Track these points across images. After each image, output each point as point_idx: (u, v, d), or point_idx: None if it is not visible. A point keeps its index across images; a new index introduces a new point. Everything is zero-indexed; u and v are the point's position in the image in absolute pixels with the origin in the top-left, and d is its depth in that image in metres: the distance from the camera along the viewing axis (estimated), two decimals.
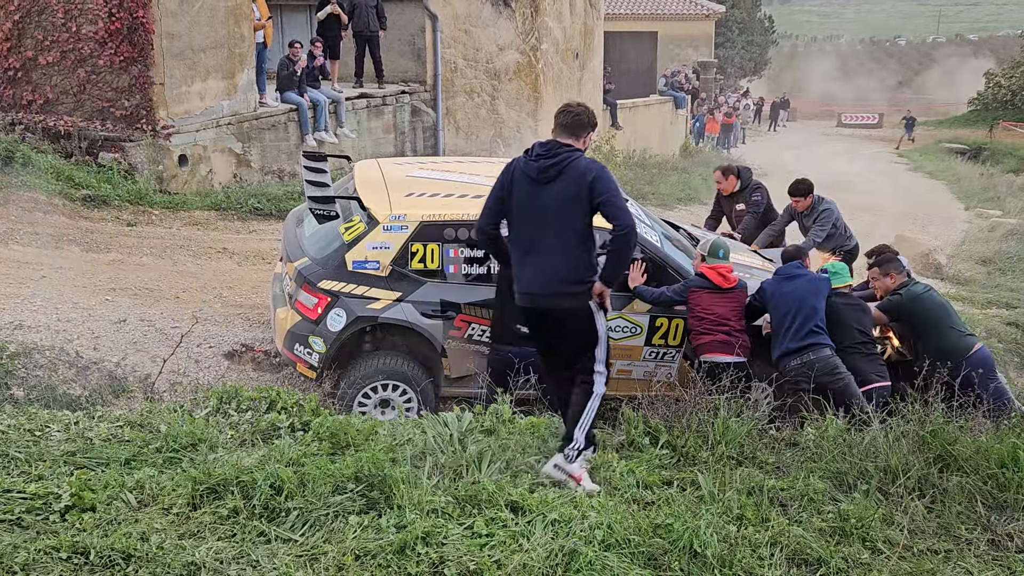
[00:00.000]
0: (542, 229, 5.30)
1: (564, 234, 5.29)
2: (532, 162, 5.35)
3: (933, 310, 7.46)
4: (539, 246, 5.32)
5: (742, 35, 51.17)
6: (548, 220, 5.28)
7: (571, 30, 22.13)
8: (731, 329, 7.15)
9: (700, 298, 7.22)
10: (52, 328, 7.99)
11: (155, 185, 12.45)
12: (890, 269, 7.74)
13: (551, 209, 5.27)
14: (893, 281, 7.67)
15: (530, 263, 5.35)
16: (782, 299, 7.28)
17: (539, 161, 5.32)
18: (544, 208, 5.28)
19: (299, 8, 18.33)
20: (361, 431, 5.28)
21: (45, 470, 4.66)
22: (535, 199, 5.30)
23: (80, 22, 12.41)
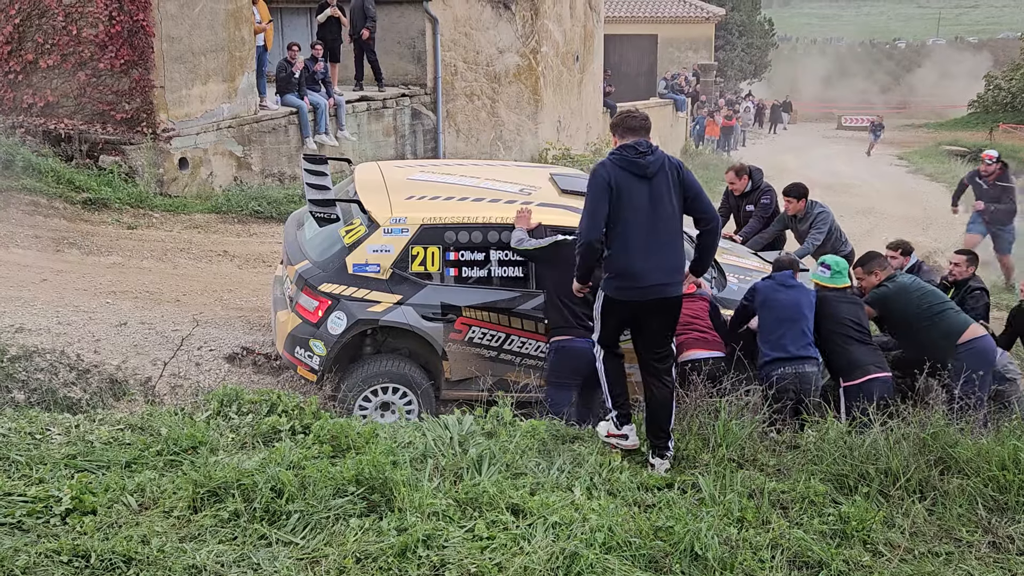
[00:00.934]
0: (656, 222, 5.55)
1: (674, 224, 5.64)
2: (639, 159, 5.54)
3: (924, 295, 7.51)
4: (658, 238, 5.55)
5: (742, 38, 51.17)
6: (661, 213, 5.55)
7: (571, 33, 22.16)
8: (700, 327, 7.16)
9: None
10: (53, 331, 7.99)
11: (155, 188, 12.47)
12: (873, 267, 7.77)
13: (663, 202, 5.56)
14: (878, 278, 7.70)
15: (650, 256, 5.55)
16: (777, 304, 7.24)
17: (646, 157, 5.55)
18: (656, 202, 5.55)
19: (299, 11, 18.34)
20: (362, 434, 5.28)
21: (46, 473, 4.66)
22: (646, 195, 5.54)
23: (80, 25, 12.42)
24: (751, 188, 10.22)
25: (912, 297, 7.51)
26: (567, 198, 7.79)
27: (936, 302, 7.47)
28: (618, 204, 5.52)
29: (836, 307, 7.32)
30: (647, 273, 5.54)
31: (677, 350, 7.10)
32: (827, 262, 7.65)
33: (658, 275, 5.56)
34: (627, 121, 5.74)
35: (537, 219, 7.24)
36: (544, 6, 20.38)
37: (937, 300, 7.49)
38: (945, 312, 7.41)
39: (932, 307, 7.41)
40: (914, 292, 7.52)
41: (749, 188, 10.22)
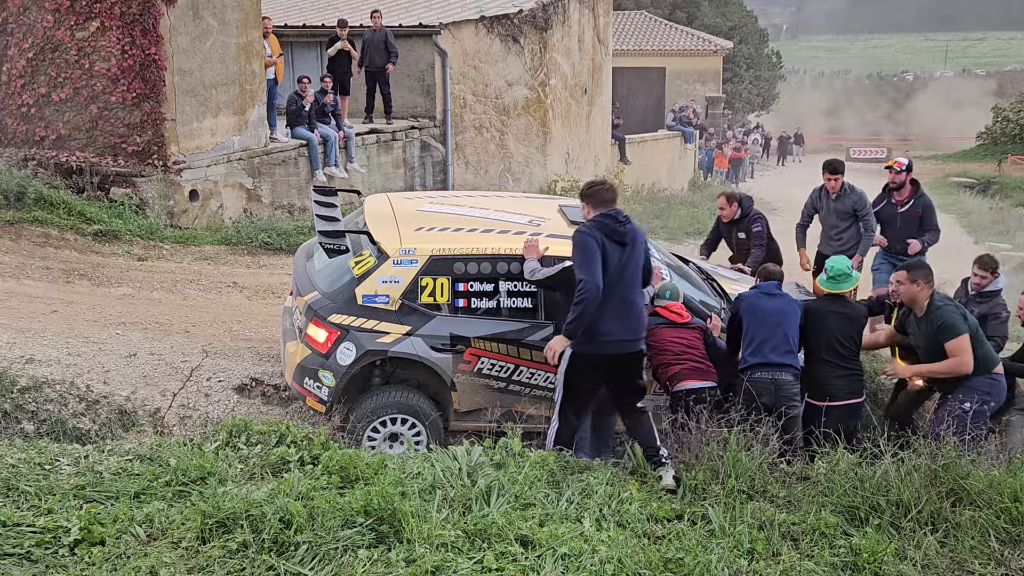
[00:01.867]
0: (628, 285, 6.33)
1: (638, 287, 6.48)
2: (618, 227, 6.27)
3: (973, 320, 7.32)
4: (626, 299, 6.32)
5: (750, 70, 51.42)
6: (630, 278, 6.36)
7: (579, 66, 22.30)
8: (694, 356, 7.17)
9: (660, 332, 7.22)
10: (63, 362, 8.01)
11: (166, 220, 12.53)
12: (919, 276, 7.18)
13: (632, 267, 6.35)
14: (921, 290, 7.11)
15: (624, 315, 6.30)
16: (761, 312, 7.27)
17: (624, 226, 6.29)
18: (626, 266, 6.30)
19: (310, 45, 18.50)
20: (370, 465, 5.26)
21: (55, 504, 4.65)
22: (620, 260, 6.27)
23: (93, 59, 12.54)
24: (741, 215, 10.28)
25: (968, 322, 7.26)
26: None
27: (979, 330, 7.35)
28: (604, 266, 6.19)
29: (823, 321, 7.31)
30: (617, 332, 6.25)
31: (672, 380, 7.12)
32: (826, 264, 7.63)
33: (626, 333, 6.29)
34: (601, 193, 6.45)
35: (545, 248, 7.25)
36: (553, 39, 20.54)
37: (978, 327, 7.37)
38: (985, 341, 7.29)
39: (979, 334, 7.23)
40: (967, 316, 7.27)
41: (739, 215, 10.28)
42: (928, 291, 7.07)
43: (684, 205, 25.00)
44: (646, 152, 28.50)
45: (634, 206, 20.61)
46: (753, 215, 10.26)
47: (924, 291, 7.05)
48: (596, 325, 6.18)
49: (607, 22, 24.33)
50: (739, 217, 10.28)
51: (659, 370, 7.24)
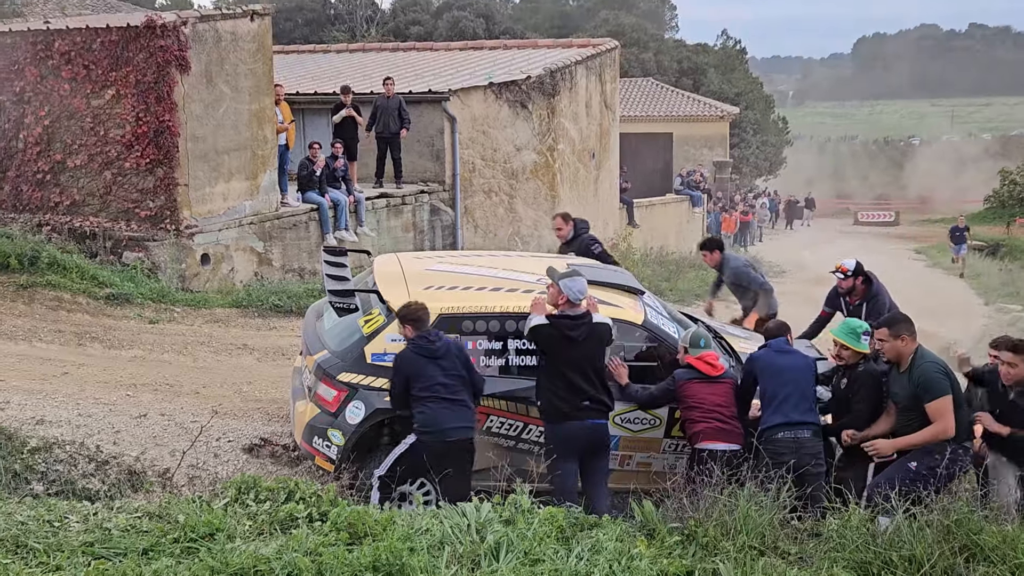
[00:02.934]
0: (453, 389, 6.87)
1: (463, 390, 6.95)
2: (430, 346, 6.85)
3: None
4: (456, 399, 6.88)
5: (756, 135, 51.80)
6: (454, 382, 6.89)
7: (587, 131, 22.54)
8: (723, 416, 7.14)
9: (691, 388, 7.22)
10: (73, 423, 8.02)
11: (177, 283, 12.64)
12: (902, 330, 6.97)
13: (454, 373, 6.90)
14: (906, 344, 6.93)
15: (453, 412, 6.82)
16: (778, 371, 7.24)
17: (435, 344, 6.86)
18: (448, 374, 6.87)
19: (321, 111, 18.76)
20: (379, 520, 5.25)
21: (63, 560, 4.65)
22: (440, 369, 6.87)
23: (108, 126, 12.78)
24: (573, 235, 10.71)
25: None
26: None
27: (960, 392, 7.24)
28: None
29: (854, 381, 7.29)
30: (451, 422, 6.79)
31: (695, 437, 7.09)
32: (846, 323, 7.59)
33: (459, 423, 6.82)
34: (417, 313, 6.95)
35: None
36: (560, 105, 20.80)
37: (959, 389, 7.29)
38: (963, 406, 7.01)
39: (959, 397, 7.00)
40: (950, 375, 7.01)
41: (572, 235, 10.72)
42: (913, 345, 6.93)
43: (692, 268, 25.04)
44: (654, 216, 28.67)
45: (643, 269, 20.65)
46: (587, 239, 10.73)
47: (909, 345, 6.91)
48: (426, 420, 6.77)
49: (614, 88, 24.62)
50: (572, 237, 10.78)
51: (686, 424, 7.22)
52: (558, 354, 6.98)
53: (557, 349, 6.97)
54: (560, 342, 6.95)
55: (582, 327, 7.00)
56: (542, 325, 7.00)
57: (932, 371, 6.76)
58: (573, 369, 6.92)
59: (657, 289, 17.62)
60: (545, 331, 6.99)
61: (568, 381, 6.93)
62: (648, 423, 7.53)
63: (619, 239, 22.85)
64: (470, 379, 6.93)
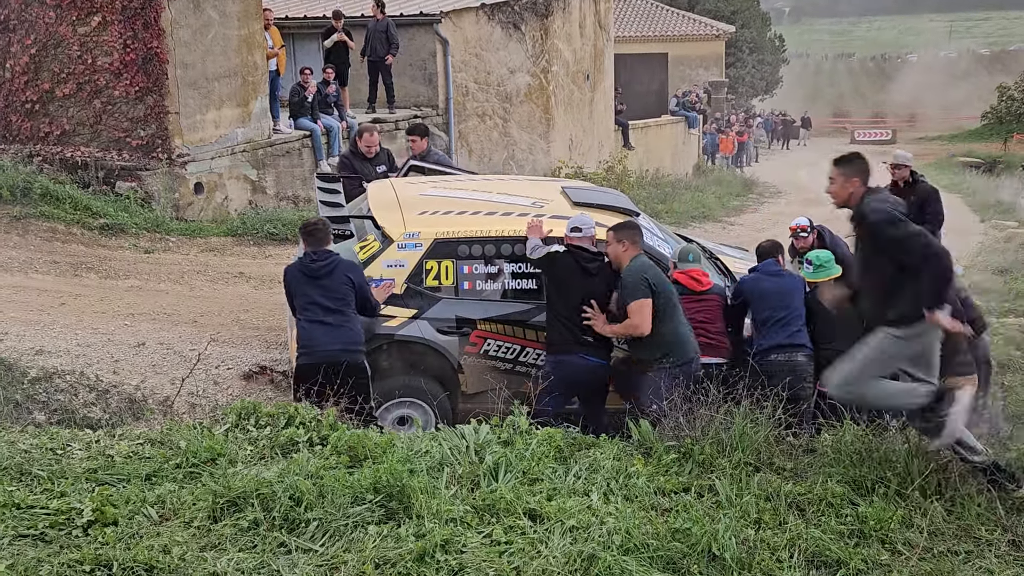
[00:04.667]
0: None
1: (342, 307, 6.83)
2: (311, 264, 6.77)
3: None
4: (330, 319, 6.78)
5: (753, 55, 51.27)
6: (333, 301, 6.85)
7: (581, 52, 22.29)
8: (707, 331, 7.19)
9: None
10: (72, 353, 8.06)
11: (171, 213, 12.58)
12: (623, 236, 7.08)
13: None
14: (626, 249, 7.01)
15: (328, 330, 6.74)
16: (765, 295, 7.29)
17: (316, 264, 6.75)
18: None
19: (311, 36, 18.51)
20: (379, 444, 5.31)
21: (67, 487, 4.70)
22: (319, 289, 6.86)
23: (95, 54, 12.58)
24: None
25: None
26: (579, 210, 7.83)
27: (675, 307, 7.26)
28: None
29: (824, 309, 7.32)
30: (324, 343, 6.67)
31: None
32: (809, 257, 7.63)
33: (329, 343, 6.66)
34: (309, 228, 6.91)
35: (549, 230, 7.29)
36: (554, 26, 20.53)
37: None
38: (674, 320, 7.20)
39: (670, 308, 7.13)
40: (655, 285, 7.03)
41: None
42: (632, 251, 6.97)
43: (689, 190, 25.00)
44: (650, 138, 28.49)
45: (638, 191, 20.61)
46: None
47: (629, 250, 6.96)
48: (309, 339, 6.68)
49: (608, 8, 24.30)
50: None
51: None
52: (570, 285, 6.96)
53: (570, 280, 6.96)
54: (575, 273, 6.94)
55: (597, 263, 6.99)
56: (561, 253, 6.97)
57: (632, 275, 6.84)
58: (581, 302, 6.93)
59: (653, 211, 17.61)
60: (564, 260, 6.97)
61: (573, 313, 6.93)
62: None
63: (614, 161, 22.75)
64: (359, 303, 6.78)
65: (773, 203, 26.51)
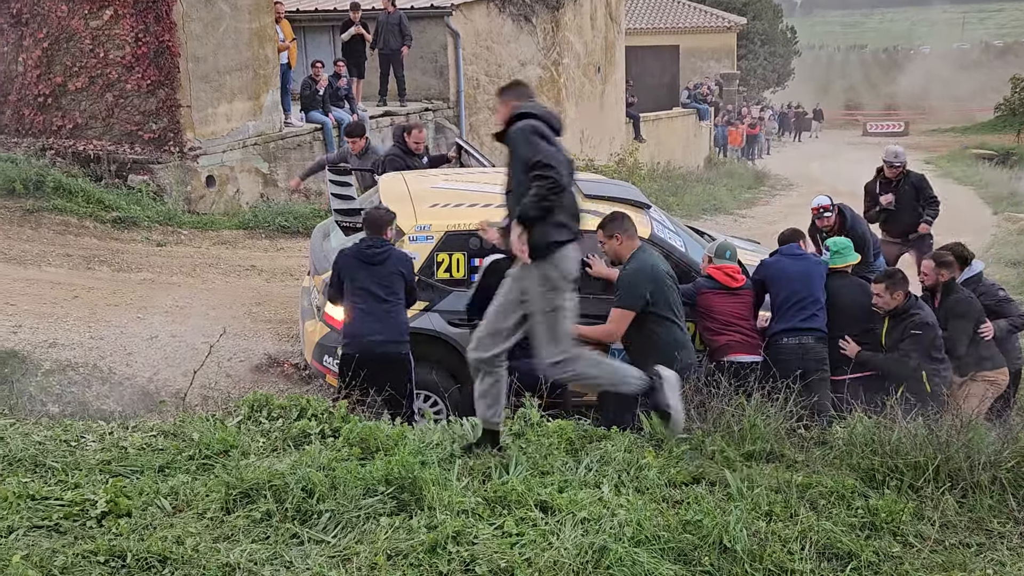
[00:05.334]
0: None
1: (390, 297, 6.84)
2: (368, 250, 6.77)
3: None
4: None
5: (764, 46, 51.10)
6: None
7: (592, 44, 22.25)
8: (743, 328, 7.16)
9: (709, 300, 7.21)
10: (85, 346, 8.11)
11: (183, 206, 12.63)
12: (613, 230, 6.84)
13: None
14: (621, 243, 6.79)
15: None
16: (786, 278, 7.28)
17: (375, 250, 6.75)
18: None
19: (322, 29, 18.53)
20: (390, 436, 5.32)
21: (81, 478, 4.73)
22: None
23: (107, 47, 12.63)
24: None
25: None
26: (590, 202, 7.82)
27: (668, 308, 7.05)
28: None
29: (840, 297, 7.34)
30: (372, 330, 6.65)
31: (720, 350, 7.11)
32: (827, 243, 7.65)
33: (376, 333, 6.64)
34: (370, 218, 6.87)
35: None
36: (565, 18, 20.49)
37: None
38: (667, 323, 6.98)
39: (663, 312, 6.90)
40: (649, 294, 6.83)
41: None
42: (629, 244, 6.79)
43: (700, 182, 24.95)
44: (661, 130, 28.43)
45: (649, 184, 20.58)
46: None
47: (626, 244, 6.79)
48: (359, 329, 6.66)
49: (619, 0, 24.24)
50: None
51: (705, 335, 7.25)
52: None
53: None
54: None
55: None
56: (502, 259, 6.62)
57: (633, 277, 6.66)
58: None
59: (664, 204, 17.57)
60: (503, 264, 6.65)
61: None
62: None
63: (626, 154, 22.71)
64: (406, 294, 6.77)
65: (785, 195, 26.45)
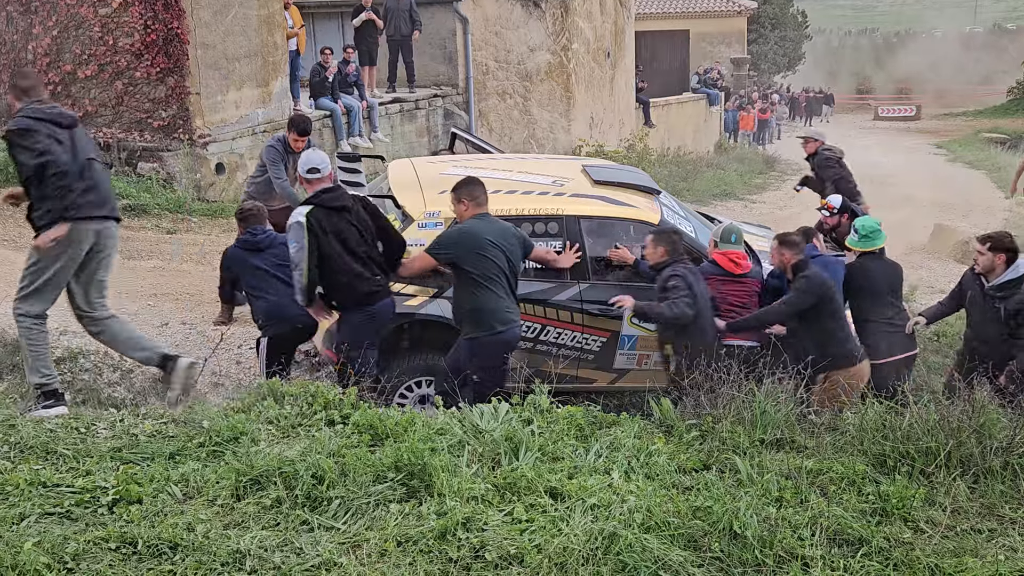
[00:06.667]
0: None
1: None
2: (253, 238, 7.51)
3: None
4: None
5: (775, 31, 50.88)
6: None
7: (601, 29, 22.16)
8: (743, 315, 7.15)
9: (712, 286, 7.20)
10: None
11: (193, 193, 12.64)
12: (461, 195, 6.93)
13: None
14: (465, 208, 6.90)
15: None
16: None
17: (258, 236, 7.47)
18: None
19: (331, 15, 18.50)
20: (399, 423, 5.33)
21: (92, 465, 4.75)
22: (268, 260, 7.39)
23: (117, 35, 12.62)
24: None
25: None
26: (600, 188, 7.81)
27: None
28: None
29: (875, 279, 7.30)
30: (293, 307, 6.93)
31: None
32: (855, 225, 7.60)
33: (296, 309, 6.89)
34: (243, 213, 7.53)
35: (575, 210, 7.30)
36: (574, 3, 20.40)
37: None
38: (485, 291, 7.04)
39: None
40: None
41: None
42: (474, 211, 6.87)
43: (710, 168, 24.88)
44: (671, 115, 28.34)
45: (660, 169, 20.52)
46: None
47: (470, 210, 6.86)
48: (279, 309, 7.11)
49: None
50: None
51: None
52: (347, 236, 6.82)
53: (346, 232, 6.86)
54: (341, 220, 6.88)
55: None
56: (312, 211, 6.64)
57: (448, 234, 6.94)
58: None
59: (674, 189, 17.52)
60: (317, 214, 6.67)
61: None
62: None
63: (635, 139, 22.65)
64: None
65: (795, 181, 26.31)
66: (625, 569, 4.09)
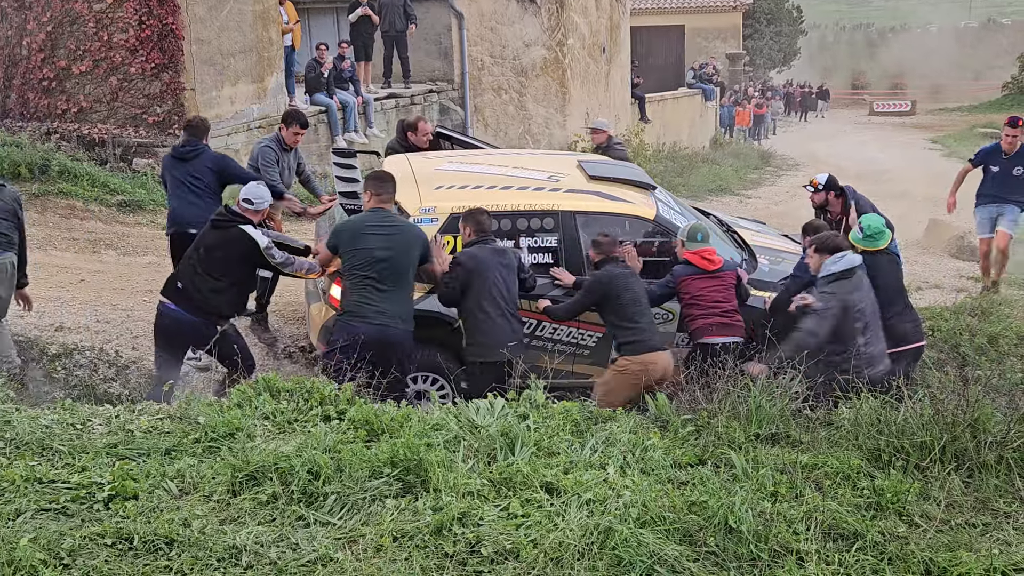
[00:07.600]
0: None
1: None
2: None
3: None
4: None
5: (770, 26, 50.85)
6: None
7: (597, 25, 22.15)
8: (723, 310, 7.17)
9: (690, 284, 7.23)
10: (91, 329, 8.12)
11: None
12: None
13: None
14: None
15: None
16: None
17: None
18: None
19: (326, 11, 18.47)
20: (395, 418, 5.33)
21: (88, 461, 4.74)
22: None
23: (111, 31, 12.59)
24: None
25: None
26: (596, 184, 7.82)
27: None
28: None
29: (887, 275, 7.33)
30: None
31: (696, 333, 7.14)
32: (861, 223, 7.60)
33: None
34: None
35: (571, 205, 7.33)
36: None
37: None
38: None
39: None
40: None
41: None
42: (375, 203, 6.89)
43: (706, 163, 24.89)
44: (667, 111, 28.35)
45: (655, 165, 20.53)
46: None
47: (371, 201, 6.90)
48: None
49: None
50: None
51: (685, 320, 7.27)
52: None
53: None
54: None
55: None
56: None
57: (342, 224, 7.00)
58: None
59: (670, 185, 17.53)
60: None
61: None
62: (660, 318, 7.57)
63: (631, 135, 22.65)
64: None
65: (791, 175, 26.35)
66: (620, 564, 4.10)
